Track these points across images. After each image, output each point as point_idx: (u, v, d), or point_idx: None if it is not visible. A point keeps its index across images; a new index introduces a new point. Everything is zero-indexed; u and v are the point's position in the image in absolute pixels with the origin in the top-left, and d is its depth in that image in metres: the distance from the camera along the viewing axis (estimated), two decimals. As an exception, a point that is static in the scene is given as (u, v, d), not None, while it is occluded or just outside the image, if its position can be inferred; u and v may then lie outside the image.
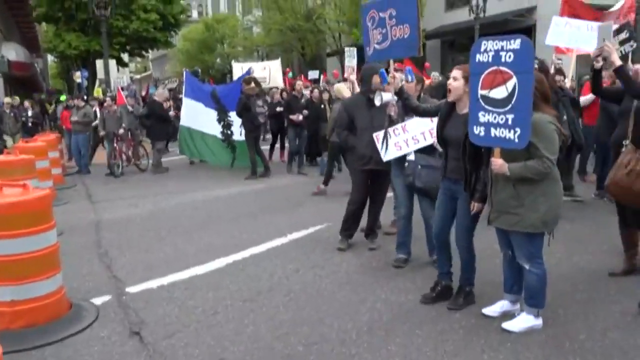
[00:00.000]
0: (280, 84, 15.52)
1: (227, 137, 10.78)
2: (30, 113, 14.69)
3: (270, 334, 3.70)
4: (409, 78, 4.43)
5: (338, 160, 9.63)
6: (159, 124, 11.52)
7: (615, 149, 4.50)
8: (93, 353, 3.52)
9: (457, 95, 3.77)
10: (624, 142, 4.45)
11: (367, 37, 4.77)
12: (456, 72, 3.76)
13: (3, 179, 4.38)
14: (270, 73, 16.08)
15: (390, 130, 4.77)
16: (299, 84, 11.97)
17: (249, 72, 11.37)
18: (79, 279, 4.83)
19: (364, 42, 4.87)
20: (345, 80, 11.09)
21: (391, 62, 4.66)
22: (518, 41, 3.20)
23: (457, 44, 24.43)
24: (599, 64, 4.57)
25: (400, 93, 4.27)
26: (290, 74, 19.72)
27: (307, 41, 28.45)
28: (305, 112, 10.46)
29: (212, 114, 10.89)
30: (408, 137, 4.70)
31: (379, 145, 4.90)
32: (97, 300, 4.35)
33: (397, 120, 4.77)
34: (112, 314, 4.13)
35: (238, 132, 10.50)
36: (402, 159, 4.78)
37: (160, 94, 12.94)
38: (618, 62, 4.44)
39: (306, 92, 11.61)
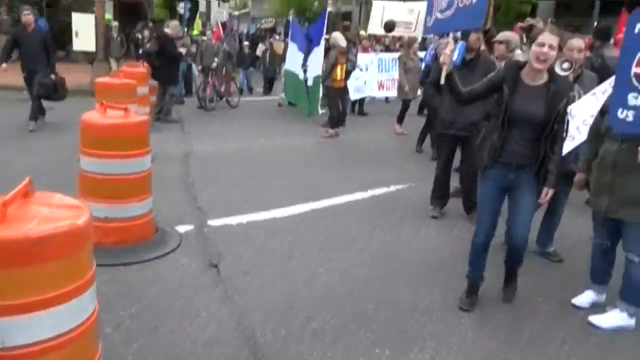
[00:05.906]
0: None
1: (305, 82, 10.33)
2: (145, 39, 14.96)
3: (342, 288, 3.69)
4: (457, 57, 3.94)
5: (338, 105, 9.23)
6: (169, 64, 9.73)
7: None
8: (174, 278, 3.69)
9: (549, 65, 3.25)
10: None
11: (430, 3, 4.19)
12: (554, 41, 3.20)
13: (106, 101, 4.55)
14: (418, 18, 11.73)
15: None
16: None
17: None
18: (166, 205, 5.03)
19: (426, 10, 4.30)
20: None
21: (451, 34, 3.95)
22: None
23: (574, 8, 22.46)
24: None
25: (450, 77, 3.50)
26: None
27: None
28: None
29: (301, 58, 10.66)
30: (579, 124, 4.04)
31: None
32: (181, 228, 4.54)
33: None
34: (194, 243, 4.30)
35: (311, 77, 10.03)
36: None
37: (174, 27, 10.71)
38: None
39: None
